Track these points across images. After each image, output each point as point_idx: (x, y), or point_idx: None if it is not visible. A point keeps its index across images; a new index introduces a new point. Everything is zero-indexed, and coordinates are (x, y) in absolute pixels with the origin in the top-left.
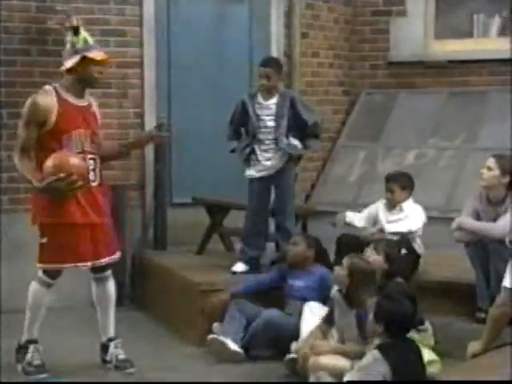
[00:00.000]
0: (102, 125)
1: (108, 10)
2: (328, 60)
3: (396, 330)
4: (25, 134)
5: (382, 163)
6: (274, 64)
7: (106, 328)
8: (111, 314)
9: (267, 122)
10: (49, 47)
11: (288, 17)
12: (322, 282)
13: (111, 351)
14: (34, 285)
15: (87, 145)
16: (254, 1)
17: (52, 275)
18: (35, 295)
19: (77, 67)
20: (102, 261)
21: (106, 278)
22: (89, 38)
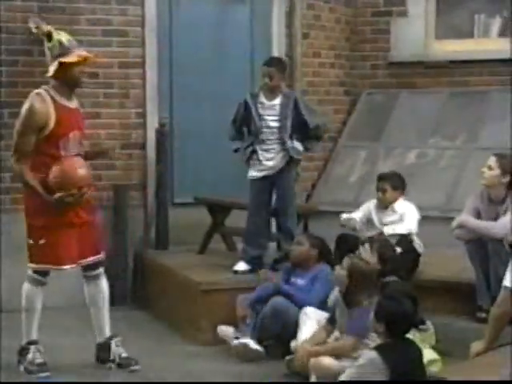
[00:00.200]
0: (103, 125)
1: (110, 10)
2: (329, 60)
3: (397, 329)
4: (23, 140)
5: (382, 163)
6: (277, 63)
7: (103, 327)
8: (106, 313)
9: (270, 122)
10: None
11: (289, 17)
12: (322, 278)
13: (113, 350)
14: (26, 285)
15: (79, 146)
16: (256, 1)
17: (43, 273)
18: (28, 295)
19: (58, 73)
20: (90, 259)
21: (98, 275)
22: (64, 39)
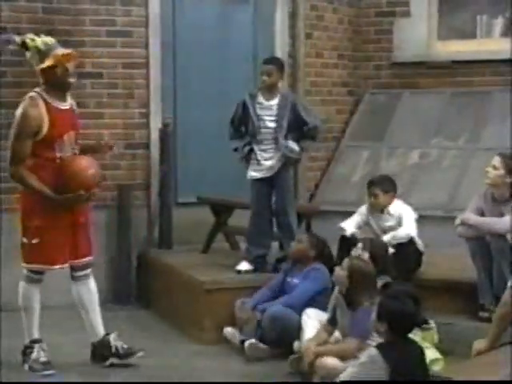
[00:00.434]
0: (107, 125)
1: (114, 11)
2: (332, 60)
3: (399, 329)
4: (19, 146)
5: (385, 163)
6: (276, 62)
7: (95, 327)
8: (97, 312)
9: (267, 122)
10: None
11: (292, 18)
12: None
13: (113, 343)
14: (22, 285)
15: (74, 146)
16: (259, 2)
17: (38, 271)
18: (25, 294)
19: (46, 78)
20: (82, 260)
21: (87, 276)
22: (39, 44)
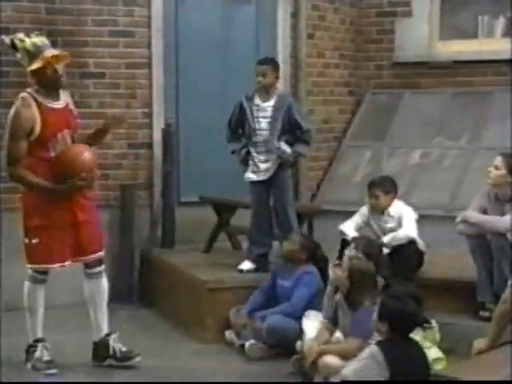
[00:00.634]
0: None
1: (116, 11)
2: (334, 60)
3: (400, 329)
4: (14, 147)
5: (387, 163)
6: (271, 62)
7: (101, 324)
8: (105, 311)
9: (262, 124)
10: (58, 48)
11: (294, 18)
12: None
13: (112, 345)
14: (27, 284)
15: (69, 144)
16: (261, 2)
17: (42, 271)
18: (29, 294)
19: (37, 79)
20: (90, 257)
21: (99, 274)
22: (27, 45)
